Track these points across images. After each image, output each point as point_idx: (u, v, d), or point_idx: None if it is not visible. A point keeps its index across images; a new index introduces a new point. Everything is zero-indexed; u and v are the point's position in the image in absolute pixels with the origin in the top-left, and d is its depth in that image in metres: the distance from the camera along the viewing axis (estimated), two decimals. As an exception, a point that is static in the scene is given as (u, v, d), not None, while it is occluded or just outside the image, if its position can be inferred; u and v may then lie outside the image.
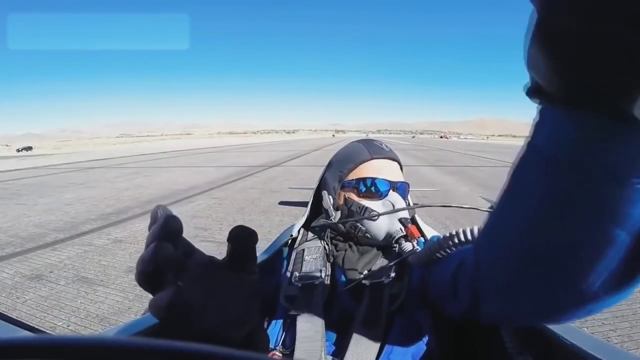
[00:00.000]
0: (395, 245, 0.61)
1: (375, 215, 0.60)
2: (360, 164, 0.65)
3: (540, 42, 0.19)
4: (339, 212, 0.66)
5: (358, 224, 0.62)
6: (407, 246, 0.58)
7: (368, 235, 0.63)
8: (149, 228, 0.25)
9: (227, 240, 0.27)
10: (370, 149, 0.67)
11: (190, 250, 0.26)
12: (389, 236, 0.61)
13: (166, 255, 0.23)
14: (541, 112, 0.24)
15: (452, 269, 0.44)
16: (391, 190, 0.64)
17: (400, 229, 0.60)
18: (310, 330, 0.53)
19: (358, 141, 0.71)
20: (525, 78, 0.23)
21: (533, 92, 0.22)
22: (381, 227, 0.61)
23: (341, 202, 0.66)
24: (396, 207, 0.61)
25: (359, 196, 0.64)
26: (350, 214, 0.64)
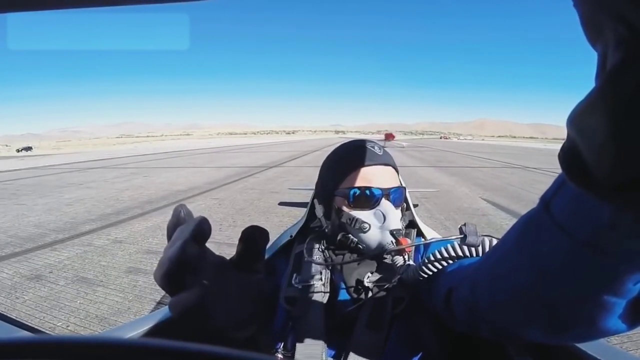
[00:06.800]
0: (386, 257, 0.60)
1: (367, 228, 0.58)
2: (350, 172, 0.61)
3: (609, 94, 0.14)
4: (330, 221, 0.64)
5: (350, 235, 0.60)
6: (398, 260, 0.56)
7: (360, 246, 0.60)
8: (170, 226, 0.26)
9: (240, 240, 0.28)
10: (362, 154, 0.62)
11: (203, 250, 0.27)
12: (380, 247, 0.59)
13: (192, 256, 0.23)
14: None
15: (448, 286, 0.44)
16: (383, 199, 0.60)
17: (392, 241, 0.58)
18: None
19: (351, 143, 0.67)
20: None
21: (569, 163, 0.17)
22: (372, 238, 0.59)
23: (332, 211, 0.63)
24: (387, 217, 0.59)
25: (349, 207, 0.61)
26: (340, 225, 0.61)
